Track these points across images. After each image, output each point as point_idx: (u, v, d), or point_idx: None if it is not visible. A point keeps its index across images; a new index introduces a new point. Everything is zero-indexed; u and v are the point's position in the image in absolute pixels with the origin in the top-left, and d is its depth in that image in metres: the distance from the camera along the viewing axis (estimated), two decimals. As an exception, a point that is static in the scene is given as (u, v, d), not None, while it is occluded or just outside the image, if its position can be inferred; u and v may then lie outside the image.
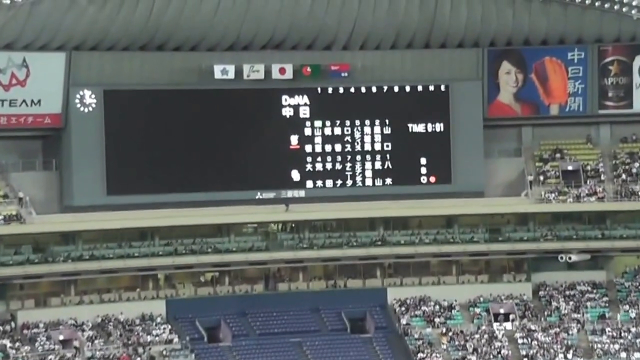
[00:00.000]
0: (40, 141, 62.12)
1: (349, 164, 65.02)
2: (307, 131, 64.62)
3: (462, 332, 62.15)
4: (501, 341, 61.71)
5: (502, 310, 63.57)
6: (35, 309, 59.44)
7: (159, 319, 60.64)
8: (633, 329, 61.94)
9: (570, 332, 62.19)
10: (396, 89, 65.21)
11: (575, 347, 61.34)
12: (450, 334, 61.94)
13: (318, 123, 64.66)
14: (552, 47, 66.28)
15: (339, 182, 64.88)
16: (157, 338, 59.50)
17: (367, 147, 65.07)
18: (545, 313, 63.64)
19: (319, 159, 64.65)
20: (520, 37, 65.84)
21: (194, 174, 62.73)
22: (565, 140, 68.08)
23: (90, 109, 61.36)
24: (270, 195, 63.83)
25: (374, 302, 63.61)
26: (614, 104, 67.12)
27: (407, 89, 65.24)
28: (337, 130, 64.86)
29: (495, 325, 62.70)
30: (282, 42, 63.92)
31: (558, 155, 67.68)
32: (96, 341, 58.49)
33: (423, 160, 65.48)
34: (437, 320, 62.84)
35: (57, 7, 58.70)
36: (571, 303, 64.11)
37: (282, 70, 63.74)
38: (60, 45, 60.40)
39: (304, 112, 64.56)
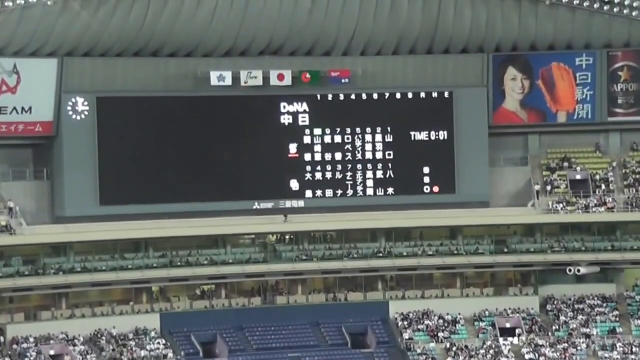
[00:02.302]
0: (31, 150, 62.66)
1: (349, 173, 65.45)
2: (307, 139, 65.09)
3: (466, 347, 62.40)
4: (507, 356, 61.92)
5: (508, 325, 63.82)
6: (25, 322, 59.79)
7: (153, 333, 60.99)
8: (644, 344, 62.37)
9: (579, 348, 62.41)
10: (398, 95, 65.72)
11: (585, 362, 61.82)
12: (454, 349, 62.17)
13: (317, 131, 65.15)
14: (560, 53, 66.76)
15: (339, 191, 65.29)
16: (151, 353, 59.83)
17: (368, 155, 65.52)
18: (553, 327, 63.90)
19: (318, 167, 65.08)
20: (527, 42, 66.28)
21: (190, 184, 63.22)
22: (573, 148, 68.45)
23: (83, 116, 61.90)
24: (268, 205, 64.28)
25: (376, 315, 63.95)
26: (624, 111, 67.50)
27: (410, 95, 65.75)
28: (337, 138, 65.34)
29: (501, 340, 62.90)
30: (281, 47, 64.45)
31: (566, 164, 68.01)
32: (88, 356, 58.80)
33: (426, 169, 65.91)
34: (440, 334, 63.12)
35: (48, 12, 59.26)
36: (580, 317, 64.35)
37: (280, 77, 64.27)
38: (52, 51, 61.00)
39: (303, 119, 65.04)
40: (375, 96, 65.57)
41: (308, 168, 65.03)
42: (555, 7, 64.83)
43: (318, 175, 65.07)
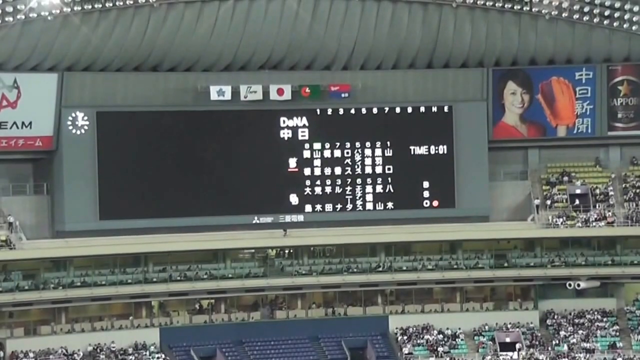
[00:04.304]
0: (31, 164, 63.49)
1: (349, 188, 66.20)
2: (306, 154, 65.84)
3: (466, 361, 63.38)
4: (507, 371, 62.85)
5: (508, 339, 64.44)
6: (24, 337, 60.45)
7: (152, 348, 61.66)
8: (644, 359, 63.06)
9: (580, 363, 63.26)
10: (398, 110, 66.53)
11: (585, 377, 62.49)
12: (454, 363, 63.16)
13: (317, 145, 65.91)
14: (559, 67, 67.52)
15: (339, 206, 66.04)
16: (150, 368, 60.79)
17: (368, 170, 66.28)
18: (554, 342, 64.53)
19: (318, 182, 65.84)
20: (526, 57, 67.09)
21: (189, 198, 63.95)
22: (573, 162, 69.18)
23: (83, 131, 62.73)
24: (268, 219, 65.02)
25: (375, 330, 64.62)
26: (624, 125, 68.19)
27: (409, 110, 66.51)
28: (337, 153, 66.10)
29: (501, 355, 63.47)
30: (280, 62, 65.28)
31: (566, 178, 68.73)
32: (88, 371, 59.77)
33: (426, 184, 66.64)
34: (440, 349, 63.75)
35: (49, 27, 60.15)
36: (580, 332, 65.00)
37: (280, 91, 65.13)
38: (52, 66, 61.85)
39: (303, 134, 65.84)
40: (375, 110, 66.39)
41: (308, 182, 65.78)
42: (554, 22, 65.56)
43: (318, 190, 65.80)
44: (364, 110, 66.32)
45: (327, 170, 65.94)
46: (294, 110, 65.52)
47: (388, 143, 66.49)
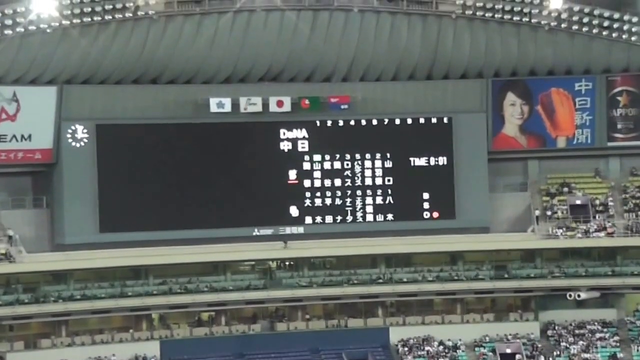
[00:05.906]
0: (31, 178, 63.59)
1: (349, 199, 66.34)
2: (306, 165, 65.99)
3: (467, 373, 63.48)
4: (508, 382, 62.96)
5: (509, 350, 64.50)
6: (25, 350, 60.47)
7: (152, 361, 62.01)
8: (645, 370, 63.23)
9: (580, 373, 63.44)
10: (397, 121, 66.68)
11: (586, 388, 62.65)
12: (455, 375, 63.24)
13: (317, 157, 66.06)
14: (559, 78, 67.70)
15: (339, 218, 66.16)
16: (151, 381, 60.85)
17: (368, 181, 66.41)
18: (554, 353, 64.61)
19: (318, 194, 65.98)
20: (526, 68, 67.26)
21: (189, 211, 64.06)
22: (573, 173, 69.30)
23: (82, 144, 62.85)
24: (268, 231, 65.13)
25: (376, 342, 64.64)
26: (623, 136, 68.39)
27: (409, 121, 66.68)
28: (337, 165, 66.24)
29: (502, 366, 63.97)
30: (280, 74, 65.42)
31: (566, 189, 68.89)
32: (88, 384, 59.73)
33: (426, 195, 66.78)
34: (441, 360, 64.21)
35: (48, 40, 60.29)
36: (581, 343, 65.12)
37: (279, 103, 65.27)
38: (51, 79, 61.93)
39: (303, 145, 65.97)
40: (374, 122, 66.49)
41: (308, 194, 65.88)
42: (554, 33, 65.80)
43: (318, 202, 65.92)
44: (363, 122, 66.45)
45: (327, 182, 66.09)
46: (293, 122, 65.65)
47: (388, 154, 66.63)
